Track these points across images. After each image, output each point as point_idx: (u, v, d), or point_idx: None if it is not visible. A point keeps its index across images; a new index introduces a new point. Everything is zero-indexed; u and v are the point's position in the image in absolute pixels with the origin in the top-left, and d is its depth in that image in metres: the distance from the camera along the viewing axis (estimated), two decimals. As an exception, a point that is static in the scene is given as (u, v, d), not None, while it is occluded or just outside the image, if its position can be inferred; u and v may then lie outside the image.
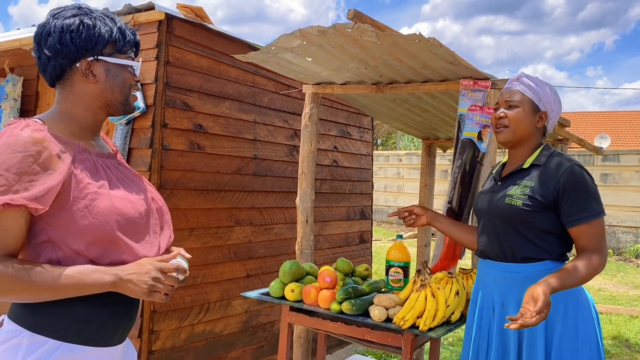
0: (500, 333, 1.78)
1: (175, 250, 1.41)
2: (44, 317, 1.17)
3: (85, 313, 1.20)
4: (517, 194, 1.74)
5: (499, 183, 1.87)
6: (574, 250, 1.75)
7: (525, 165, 1.80)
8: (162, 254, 1.32)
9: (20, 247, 1.17)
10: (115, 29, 1.27)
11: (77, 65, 1.24)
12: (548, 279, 1.57)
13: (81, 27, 1.22)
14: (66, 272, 1.15)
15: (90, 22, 1.24)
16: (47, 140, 1.16)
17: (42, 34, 1.24)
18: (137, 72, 1.35)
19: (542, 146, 1.83)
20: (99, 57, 1.25)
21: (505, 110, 1.81)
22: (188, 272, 1.28)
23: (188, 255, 1.36)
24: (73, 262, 1.18)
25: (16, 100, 3.67)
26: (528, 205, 1.71)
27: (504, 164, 1.95)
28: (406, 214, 2.16)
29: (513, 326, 1.46)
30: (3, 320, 1.22)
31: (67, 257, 1.18)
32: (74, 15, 1.24)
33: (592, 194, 1.68)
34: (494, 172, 1.97)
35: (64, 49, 1.22)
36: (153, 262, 1.22)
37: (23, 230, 1.15)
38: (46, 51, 1.23)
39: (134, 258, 1.25)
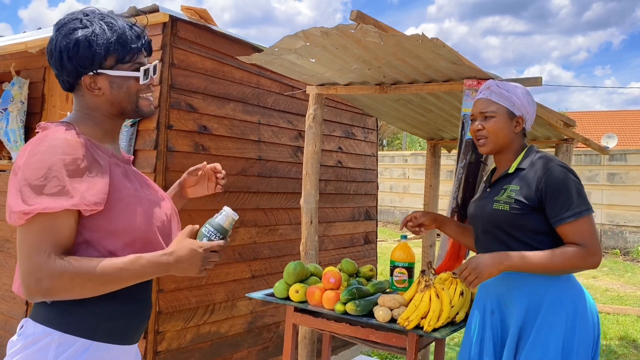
0: (498, 334, 1.79)
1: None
2: (73, 317, 1.18)
3: (114, 311, 1.22)
4: (504, 198, 1.77)
5: (489, 189, 1.90)
6: None
7: (511, 170, 1.83)
8: None
9: (72, 246, 1.17)
10: (113, 40, 1.24)
11: (82, 79, 1.26)
12: (500, 253, 1.70)
13: (77, 46, 1.22)
14: (123, 260, 1.16)
15: (87, 38, 1.22)
16: (88, 143, 1.20)
17: (50, 51, 1.26)
18: (152, 73, 1.34)
19: (525, 149, 1.85)
20: (99, 71, 1.25)
21: (482, 122, 1.84)
22: (235, 216, 1.36)
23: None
24: None
25: (23, 102, 3.70)
26: (515, 209, 1.73)
27: (494, 170, 1.97)
28: (417, 228, 2.14)
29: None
30: (24, 324, 1.22)
31: (101, 258, 1.19)
32: (74, 30, 1.22)
33: (576, 193, 1.68)
34: (484, 178, 1.99)
35: (65, 68, 1.25)
36: (196, 243, 1.24)
37: (74, 229, 1.16)
38: (53, 69, 1.27)
39: None
